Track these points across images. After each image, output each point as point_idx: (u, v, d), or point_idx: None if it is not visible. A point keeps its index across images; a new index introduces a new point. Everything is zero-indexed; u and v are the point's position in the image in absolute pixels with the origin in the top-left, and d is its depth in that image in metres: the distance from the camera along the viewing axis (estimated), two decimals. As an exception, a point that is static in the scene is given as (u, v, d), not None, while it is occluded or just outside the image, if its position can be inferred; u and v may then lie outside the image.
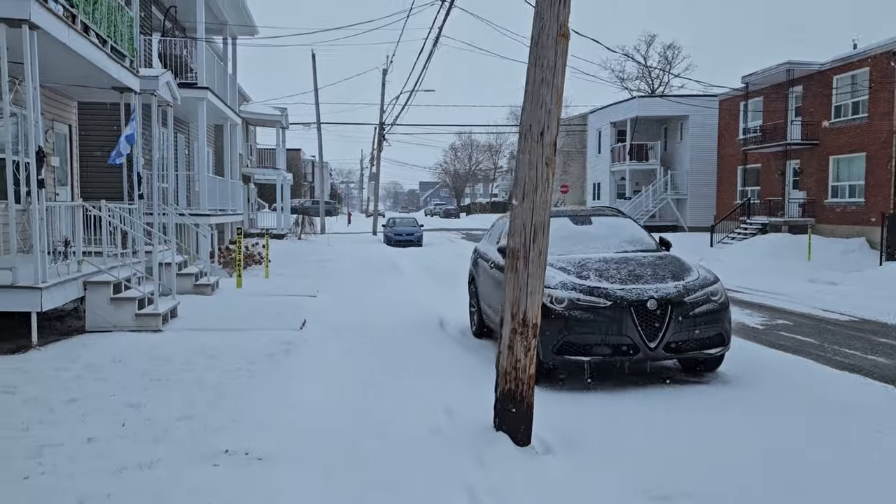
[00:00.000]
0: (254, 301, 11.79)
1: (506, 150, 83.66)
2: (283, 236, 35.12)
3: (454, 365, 7.77)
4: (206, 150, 18.22)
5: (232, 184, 22.57)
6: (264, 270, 18.17)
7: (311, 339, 8.78)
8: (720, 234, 29.97)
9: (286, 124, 38.90)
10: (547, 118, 5.03)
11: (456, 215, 74.23)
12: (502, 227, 9.59)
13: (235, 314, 10.25)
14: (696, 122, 37.45)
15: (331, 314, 11.30)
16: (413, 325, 10.57)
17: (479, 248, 10.36)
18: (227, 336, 8.53)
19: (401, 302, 13.38)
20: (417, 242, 33.58)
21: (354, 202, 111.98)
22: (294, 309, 11.15)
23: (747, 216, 30.13)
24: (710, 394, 6.64)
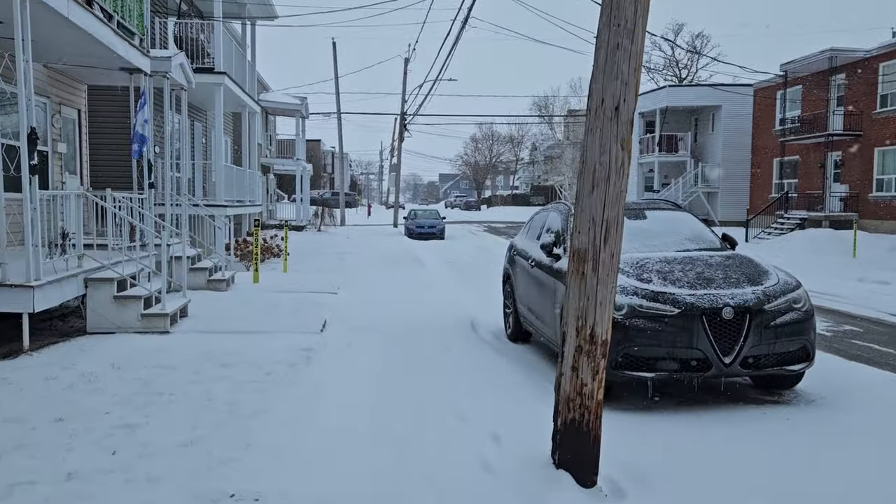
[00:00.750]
0: (271, 298, 10.98)
1: (527, 142, 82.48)
2: (302, 228, 34.41)
3: (494, 376, 6.89)
4: (223, 138, 17.45)
5: (250, 174, 21.83)
6: (282, 264, 17.40)
7: (333, 343, 7.94)
8: (755, 228, 28.74)
9: (306, 114, 38.14)
10: (623, 90, 4.12)
11: (477, 207, 73.25)
12: (543, 220, 8.69)
13: (251, 313, 9.45)
14: (729, 112, 36.15)
15: (353, 313, 10.48)
16: (442, 327, 9.71)
17: (516, 243, 9.46)
18: (240, 340, 7.71)
19: (426, 299, 12.52)
20: (439, 235, 32.72)
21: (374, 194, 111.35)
22: (314, 307, 10.33)
23: (785, 210, 28.88)
24: (798, 418, 5.70)
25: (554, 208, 8.48)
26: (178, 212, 12.84)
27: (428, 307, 11.57)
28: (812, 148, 29.08)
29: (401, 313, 10.70)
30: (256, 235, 13.59)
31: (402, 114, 40.79)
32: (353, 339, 8.31)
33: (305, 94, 35.33)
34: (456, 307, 11.77)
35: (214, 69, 16.93)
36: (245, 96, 20.20)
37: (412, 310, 11.20)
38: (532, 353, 8.33)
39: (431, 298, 12.72)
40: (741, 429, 5.41)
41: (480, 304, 12.24)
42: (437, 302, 12.30)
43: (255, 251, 13.56)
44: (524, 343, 9.05)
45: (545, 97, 69.85)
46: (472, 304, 12.25)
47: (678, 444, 5.09)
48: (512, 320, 9.21)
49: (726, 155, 36.47)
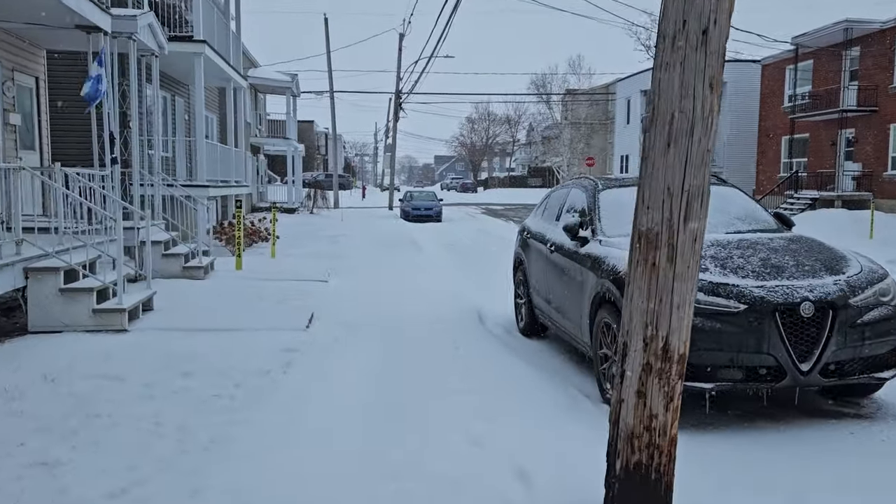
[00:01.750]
0: (253, 287, 9.81)
1: (524, 122, 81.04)
2: (293, 210, 33.14)
3: (511, 383, 5.74)
4: (203, 113, 16.16)
5: (236, 153, 20.55)
6: (270, 249, 16.20)
7: (321, 342, 6.76)
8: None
9: (297, 92, 36.71)
10: (714, 6, 2.92)
11: (473, 190, 71.95)
12: (562, 199, 7.51)
13: (228, 306, 8.26)
14: (734, 89, 34.86)
15: (344, 304, 9.31)
16: (446, 320, 8.56)
17: (530, 225, 8.29)
18: (210, 339, 6.53)
19: (426, 288, 11.36)
20: (436, 218, 31.51)
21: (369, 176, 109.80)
22: (301, 298, 9.16)
23: (795, 190, 27.76)
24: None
25: (576, 184, 7.30)
26: (151, 192, 11.61)
27: (428, 296, 10.42)
28: (823, 125, 27.89)
29: (398, 304, 9.54)
30: (239, 218, 12.38)
31: (396, 92, 39.39)
32: (344, 336, 7.13)
33: (296, 72, 33.90)
34: (459, 296, 10.63)
35: (193, 37, 15.62)
36: (229, 69, 18.88)
37: (411, 300, 10.04)
38: (551, 351, 7.19)
39: (432, 286, 11.56)
40: (830, 457, 4.28)
41: (486, 292, 11.10)
42: (438, 290, 11.14)
43: (238, 235, 12.35)
44: (539, 338, 7.92)
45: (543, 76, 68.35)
46: (476, 292, 11.10)
47: (751, 479, 3.96)
48: (525, 312, 8.07)
49: (732, 133, 35.25)
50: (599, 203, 6.44)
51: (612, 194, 6.54)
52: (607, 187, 6.65)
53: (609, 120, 64.19)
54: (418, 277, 12.77)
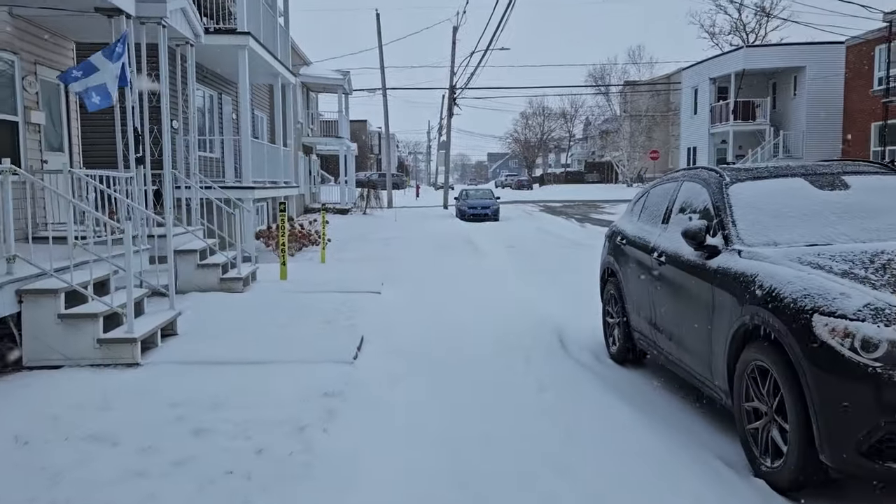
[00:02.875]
0: (296, 302, 8.60)
1: (581, 116, 78.78)
2: (346, 211, 32.18)
3: (622, 447, 4.29)
4: (248, 109, 15.14)
5: (285, 152, 19.55)
6: (320, 253, 15.08)
7: (370, 381, 5.44)
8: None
9: (349, 89, 35.78)
10: None
11: (529, 186, 70.16)
12: (669, 195, 6.01)
13: (263, 328, 7.04)
14: (815, 73, 32.42)
15: (399, 322, 8.01)
16: (520, 343, 7.16)
17: (624, 229, 6.81)
18: (236, 377, 5.29)
19: (490, 297, 9.98)
20: (493, 217, 30.08)
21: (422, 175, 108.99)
22: (349, 315, 7.89)
23: (889, 181, 25.28)
24: None
25: (689, 176, 5.78)
26: (189, 195, 10.55)
27: (494, 309, 9.03)
28: (921, 109, 25.37)
29: (461, 321, 8.18)
30: (283, 222, 11.21)
31: (451, 87, 38.09)
32: (400, 371, 5.80)
33: (348, 69, 32.98)
34: (529, 308, 9.22)
35: (237, 29, 14.60)
36: (277, 64, 17.86)
37: (475, 314, 8.68)
38: (659, 388, 5.71)
39: (496, 295, 10.17)
40: None
41: (558, 301, 9.67)
42: (505, 301, 9.75)
43: (282, 241, 11.19)
44: (637, 366, 6.47)
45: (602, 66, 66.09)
46: (547, 302, 9.68)
47: None
48: (620, 334, 6.61)
49: (811, 121, 32.80)
50: (730, 201, 4.92)
51: (747, 189, 5.02)
52: (738, 180, 5.13)
53: (671, 112, 61.51)
54: (479, 284, 11.41)
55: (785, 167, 5.31)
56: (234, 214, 9.65)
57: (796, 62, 32.68)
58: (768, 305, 3.83)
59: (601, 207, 39.84)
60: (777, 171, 5.20)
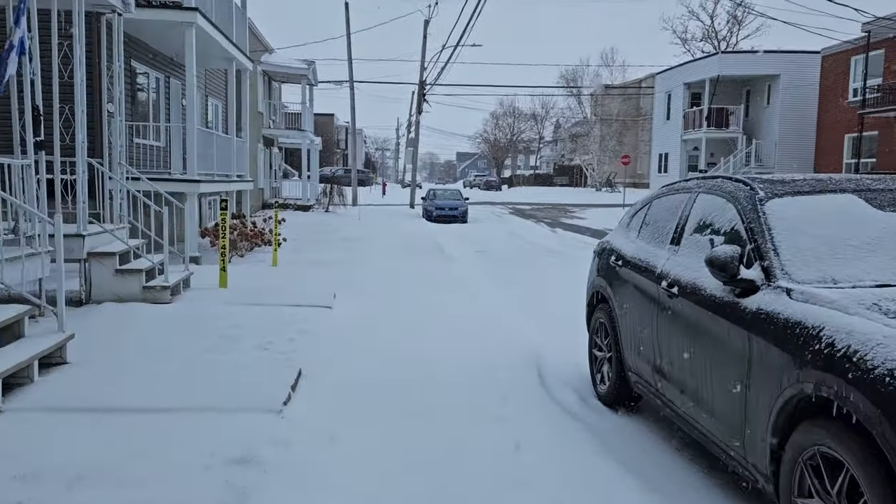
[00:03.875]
0: (230, 319, 7.35)
1: (552, 118, 78.17)
2: (308, 208, 30.75)
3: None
4: (195, 94, 13.77)
5: (239, 143, 18.17)
6: (272, 255, 13.79)
7: (303, 438, 4.23)
8: (830, 215, 24.72)
9: (314, 80, 34.32)
10: None
11: (498, 188, 69.26)
12: (680, 210, 4.90)
13: (178, 356, 5.78)
14: (789, 82, 32.01)
15: (350, 348, 6.82)
16: (493, 377, 6.05)
17: (619, 246, 5.71)
18: (121, 432, 4.04)
19: (460, 315, 8.86)
20: (462, 218, 28.97)
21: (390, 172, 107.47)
22: (291, 338, 6.68)
23: (865, 194, 24.81)
24: None
25: (710, 187, 4.65)
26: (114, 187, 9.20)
27: (463, 331, 7.91)
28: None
29: (425, 349, 7.02)
30: (223, 222, 9.90)
31: (420, 82, 36.88)
32: (343, 422, 4.61)
33: (313, 59, 31.59)
34: (504, 329, 8.12)
35: (184, 4, 13.23)
36: (232, 48, 16.48)
37: (442, 339, 7.53)
38: (663, 445, 4.63)
39: (466, 313, 9.04)
40: None
41: (537, 322, 8.60)
42: (475, 319, 8.63)
43: (223, 243, 9.89)
44: (631, 412, 5.40)
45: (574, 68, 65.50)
46: (524, 321, 8.60)
47: None
48: (611, 372, 5.54)
49: (784, 131, 32.40)
50: (769, 222, 3.84)
51: (788, 207, 3.94)
52: (774, 195, 4.04)
53: (642, 117, 61.14)
54: (447, 297, 10.27)
55: (829, 179, 4.25)
56: (164, 212, 8.32)
57: (771, 70, 32.23)
58: (846, 374, 2.74)
59: (571, 212, 39.04)
60: (821, 185, 4.14)
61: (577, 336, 7.53)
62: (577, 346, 7.17)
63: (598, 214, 35.79)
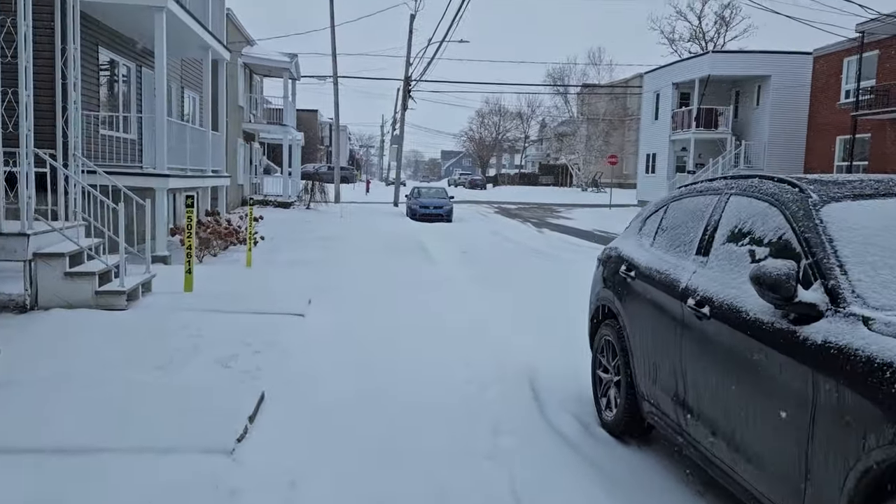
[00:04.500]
0: (191, 328, 6.58)
1: (538, 117, 77.65)
2: (289, 205, 29.88)
3: None
4: (164, 83, 12.93)
5: (215, 136, 17.33)
6: (246, 255, 12.99)
7: (260, 486, 3.50)
8: (822, 218, 24.29)
9: (296, 74, 33.41)
10: None
11: (482, 186, 68.61)
12: (704, 213, 4.23)
13: (127, 374, 5.01)
14: (780, 83, 31.58)
15: (322, 366, 6.07)
16: (482, 403, 5.35)
17: (630, 254, 5.01)
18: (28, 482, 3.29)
19: (445, 325, 8.14)
20: (447, 217, 28.25)
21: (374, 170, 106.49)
22: (256, 352, 5.94)
23: (857, 198, 24.38)
24: None
25: (746, 188, 3.93)
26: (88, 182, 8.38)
27: (449, 343, 7.19)
28: (890, 124, 24.55)
29: (405, 363, 6.29)
30: (190, 221, 9.10)
31: (406, 78, 36.11)
32: (307, 464, 3.86)
33: (296, 53, 30.73)
34: (492, 339, 7.42)
35: (153, -13, 12.39)
36: (208, 36, 15.64)
37: (425, 349, 6.82)
38: (686, 493, 3.94)
39: (452, 322, 8.32)
40: None
41: (529, 331, 7.90)
42: (463, 329, 7.92)
43: (189, 243, 9.08)
44: (643, 444, 4.71)
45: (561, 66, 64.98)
46: (516, 332, 7.89)
47: None
48: (619, 398, 4.85)
49: (774, 132, 31.97)
50: (829, 231, 3.15)
51: (850, 214, 3.25)
52: (831, 198, 3.35)
53: (628, 117, 60.74)
54: (431, 304, 9.56)
55: (890, 180, 3.57)
56: (119, 209, 7.51)
57: (762, 70, 31.80)
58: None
59: (557, 211, 38.49)
60: (885, 186, 3.46)
61: (574, 348, 6.85)
62: (574, 359, 6.50)
63: (584, 215, 35.23)
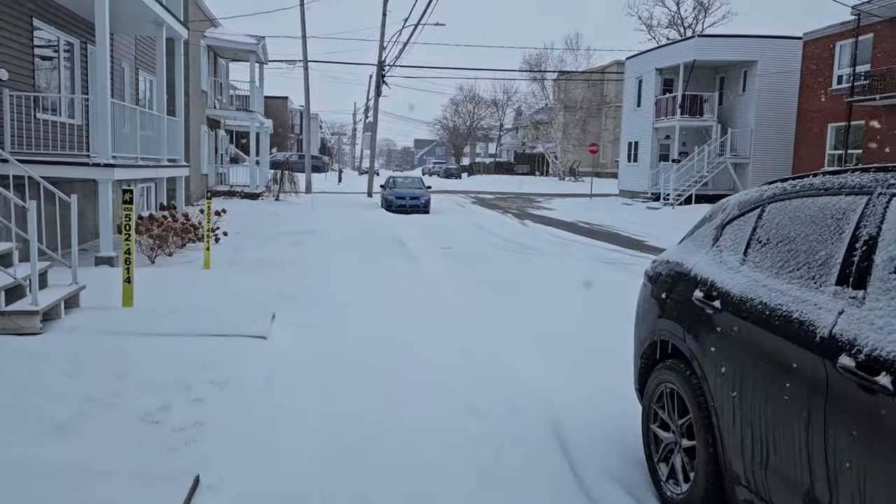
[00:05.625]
0: (119, 360, 5.13)
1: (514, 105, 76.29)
2: (257, 196, 28.17)
3: None
4: (107, 57, 11.30)
5: (172, 122, 15.69)
6: (204, 256, 11.46)
7: None
8: (817, 209, 23.35)
9: (264, 58, 31.61)
10: None
11: (457, 176, 67.17)
12: (835, 222, 2.89)
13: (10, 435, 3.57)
14: (766, 69, 30.56)
15: (285, 419, 4.66)
16: (500, 470, 4.00)
17: (707, 274, 3.66)
18: None
19: (438, 346, 6.77)
20: (424, 209, 26.83)
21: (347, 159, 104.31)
22: (196, 399, 4.51)
23: (852, 187, 23.46)
24: None
25: None
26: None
27: (444, 374, 5.82)
28: (886, 110, 23.64)
29: (394, 410, 4.91)
30: (128, 220, 7.55)
31: (379, 62, 34.48)
32: None
33: (263, 35, 28.94)
34: (497, 369, 6.06)
35: (91, -53, 10.77)
36: (160, 9, 13.98)
37: (415, 389, 5.44)
38: None
39: (444, 342, 6.94)
40: None
41: (540, 354, 6.57)
42: (459, 353, 6.55)
43: (127, 246, 7.55)
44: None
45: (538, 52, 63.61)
46: (524, 356, 6.54)
47: None
48: (689, 467, 3.54)
49: (760, 119, 30.99)
50: None
51: None
52: None
53: (606, 104, 59.66)
54: (417, 314, 8.18)
55: None
56: (29, 207, 5.99)
57: (749, 55, 30.75)
58: None
59: (537, 202, 37.31)
60: None
61: (601, 378, 5.54)
62: (607, 396, 5.18)
63: (566, 205, 34.04)
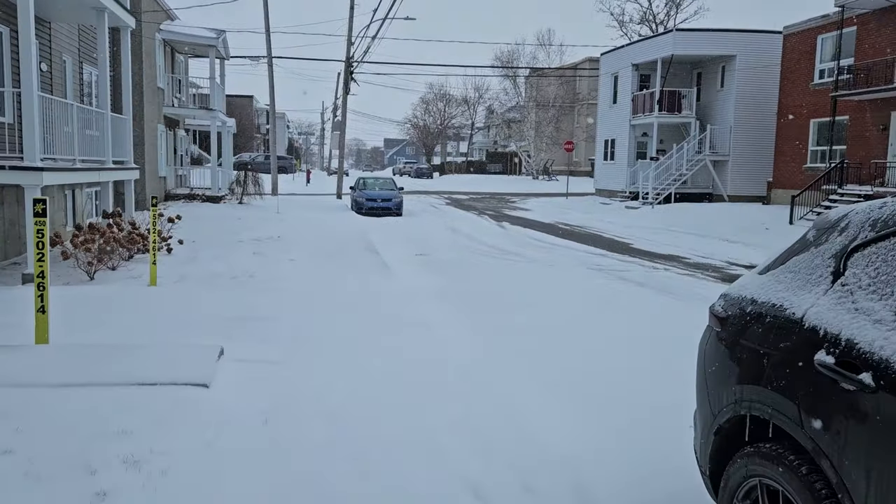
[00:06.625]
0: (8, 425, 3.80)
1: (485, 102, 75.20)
2: (218, 199, 26.58)
3: None
4: (32, 47, 9.84)
5: (117, 120, 14.22)
6: (151, 270, 10.07)
7: None
8: (803, 207, 22.69)
9: (225, 53, 30.02)
10: None
11: (429, 175, 65.90)
12: None
13: None
14: (745, 63, 29.86)
15: None
16: None
17: (834, 330, 2.49)
18: None
19: (424, 390, 5.54)
20: (396, 211, 25.53)
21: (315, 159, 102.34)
22: (98, 494, 3.20)
23: (839, 184, 22.77)
24: None
25: None
26: None
27: (434, 436, 4.60)
28: (869, 105, 22.97)
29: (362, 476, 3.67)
30: (41, 235, 6.19)
31: (347, 59, 33.09)
32: None
33: (223, 29, 27.36)
34: (501, 425, 4.85)
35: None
36: (101, -7, 12.52)
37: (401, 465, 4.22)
38: None
39: (429, 381, 5.72)
40: None
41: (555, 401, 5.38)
42: (449, 400, 5.33)
43: (40, 268, 6.19)
44: None
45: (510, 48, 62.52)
46: (525, 396, 5.35)
47: None
48: None
49: (739, 115, 30.26)
50: None
51: None
52: None
53: (575, 103, 58.84)
54: (397, 342, 6.94)
55: None
56: None
57: (728, 50, 30.00)
58: None
59: (512, 202, 36.26)
60: None
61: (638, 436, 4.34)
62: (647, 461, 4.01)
63: (542, 206, 33.03)
